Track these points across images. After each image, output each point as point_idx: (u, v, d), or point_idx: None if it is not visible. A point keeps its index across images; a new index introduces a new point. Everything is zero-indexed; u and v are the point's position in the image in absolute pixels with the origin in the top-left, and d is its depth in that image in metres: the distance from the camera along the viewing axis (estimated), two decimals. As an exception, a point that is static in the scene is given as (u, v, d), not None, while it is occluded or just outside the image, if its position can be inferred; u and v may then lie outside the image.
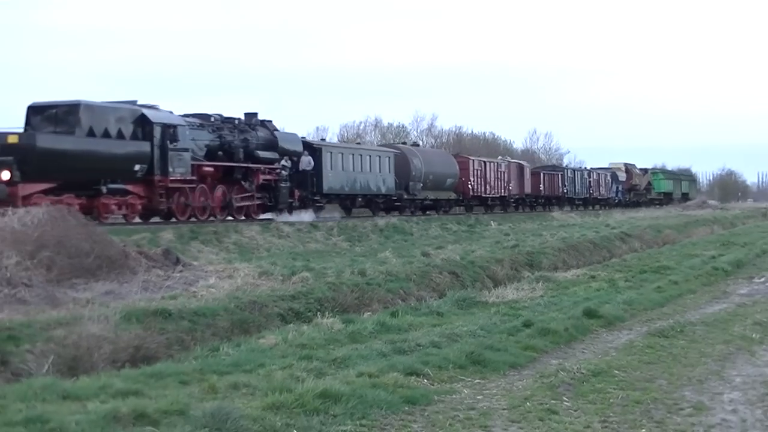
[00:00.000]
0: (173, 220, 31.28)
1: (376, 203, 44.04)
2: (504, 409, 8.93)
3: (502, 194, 57.96)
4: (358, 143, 48.03)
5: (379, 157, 44.11)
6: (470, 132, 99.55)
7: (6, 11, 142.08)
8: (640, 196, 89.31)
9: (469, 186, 52.96)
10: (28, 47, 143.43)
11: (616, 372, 10.73)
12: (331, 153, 40.44)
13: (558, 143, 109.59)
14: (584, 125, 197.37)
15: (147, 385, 9.25)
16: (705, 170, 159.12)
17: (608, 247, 34.62)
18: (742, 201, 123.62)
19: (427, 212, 49.43)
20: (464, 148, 79.18)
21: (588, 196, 74.79)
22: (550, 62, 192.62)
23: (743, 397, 9.61)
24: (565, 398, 9.38)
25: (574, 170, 75.72)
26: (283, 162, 35.17)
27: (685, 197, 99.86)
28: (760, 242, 35.97)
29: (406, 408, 8.79)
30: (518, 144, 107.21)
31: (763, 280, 22.44)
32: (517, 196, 61.11)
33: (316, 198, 38.22)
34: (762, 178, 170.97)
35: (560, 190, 68.51)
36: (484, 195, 55.16)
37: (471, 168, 53.28)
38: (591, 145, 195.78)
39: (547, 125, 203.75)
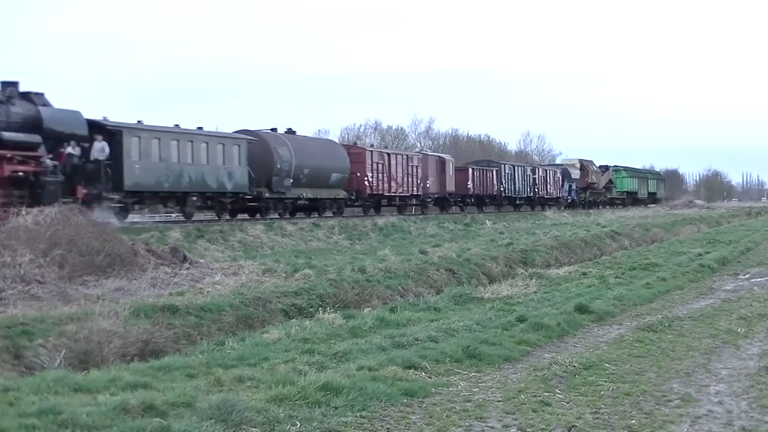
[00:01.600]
0: (181, 219, 31.54)
1: (222, 203, 34.72)
2: (499, 401, 9.03)
3: (415, 192, 49.62)
4: (200, 128, 34.82)
5: (223, 145, 34.57)
6: (466, 134, 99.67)
7: (10, 17, 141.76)
8: (597, 196, 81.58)
9: (366, 182, 44.26)
10: (31, 53, 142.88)
11: (607, 365, 10.87)
12: (139, 138, 30.17)
13: (551, 145, 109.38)
14: (576, 127, 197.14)
15: (155, 378, 9.35)
16: (692, 171, 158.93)
17: (599, 245, 34.92)
18: (727, 201, 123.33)
19: (307, 215, 40.47)
20: (460, 149, 78.88)
21: (532, 195, 67.04)
22: (543, 67, 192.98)
23: (729, 389, 9.71)
24: (557, 390, 9.49)
25: (513, 166, 66.98)
26: (69, 149, 27.20)
27: (653, 197, 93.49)
28: (744, 240, 36.27)
29: (405, 400, 8.89)
30: (512, 146, 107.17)
31: (747, 276, 22.65)
32: (436, 195, 53.00)
33: (114, 197, 28.64)
34: (746, 179, 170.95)
35: (495, 188, 60.85)
36: (388, 193, 46.79)
37: (368, 161, 44.57)
38: (582, 146, 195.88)
39: (541, 128, 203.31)
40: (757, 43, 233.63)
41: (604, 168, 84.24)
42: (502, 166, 63.93)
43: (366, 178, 44.27)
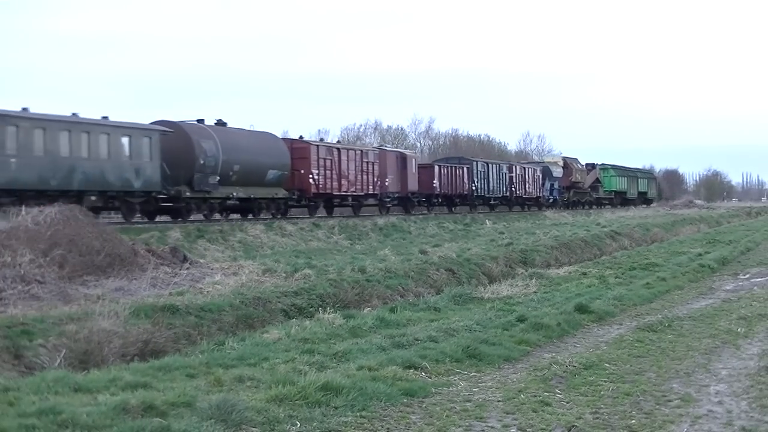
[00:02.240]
0: (180, 219, 31.54)
1: (129, 204, 30.47)
2: (499, 401, 9.05)
3: (371, 191, 44.63)
4: (105, 118, 30.29)
5: (129, 137, 30.07)
6: (466, 134, 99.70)
7: (12, 17, 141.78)
8: (582, 196, 76.54)
9: (311, 181, 39.42)
10: (34, 53, 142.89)
11: (607, 365, 10.89)
12: (17, 127, 26.02)
13: (551, 145, 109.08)
14: (576, 128, 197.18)
15: (155, 378, 9.37)
16: (692, 171, 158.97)
17: (599, 245, 34.97)
18: (727, 200, 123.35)
19: (243, 217, 36.06)
20: (460, 150, 78.28)
21: (508, 194, 62.10)
22: (543, 67, 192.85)
23: (729, 389, 9.73)
24: (557, 390, 9.51)
25: (487, 164, 61.06)
26: None
27: (643, 197, 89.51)
28: (744, 240, 36.36)
29: (405, 400, 8.90)
30: (512, 146, 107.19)
31: (747, 276, 22.69)
32: (397, 195, 47.92)
33: None
34: (746, 179, 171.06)
35: (466, 187, 55.79)
36: (338, 192, 41.97)
37: (314, 157, 39.76)
38: (583, 146, 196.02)
39: (541, 127, 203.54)
40: (757, 43, 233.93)
41: (591, 166, 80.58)
42: (474, 163, 58.66)
43: (311, 176, 39.44)
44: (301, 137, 43.08)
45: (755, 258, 28.60)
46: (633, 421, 8.37)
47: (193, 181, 32.24)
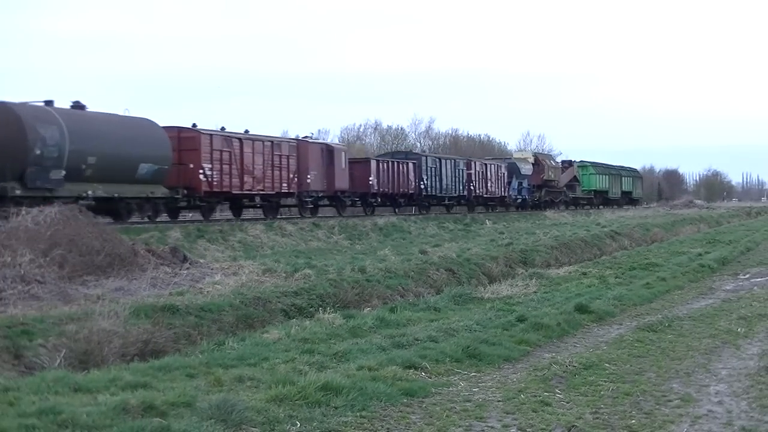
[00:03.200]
0: (180, 218, 31.54)
1: None
2: (499, 401, 9.06)
3: (286, 190, 37.79)
4: None
5: None
6: (466, 134, 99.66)
7: (12, 17, 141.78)
8: (556, 195, 69.91)
9: (201, 177, 32.63)
10: (34, 53, 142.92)
11: (607, 365, 10.91)
12: None
13: (551, 145, 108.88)
14: (576, 127, 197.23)
15: (155, 378, 9.37)
16: (692, 171, 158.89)
17: (599, 245, 34.99)
18: (727, 200, 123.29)
19: (114, 220, 28.66)
20: (460, 149, 77.41)
21: (466, 194, 55.65)
22: (543, 67, 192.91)
23: (729, 389, 9.75)
24: (557, 390, 9.52)
25: (439, 159, 54.16)
26: None
27: (628, 197, 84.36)
28: (744, 240, 36.41)
29: (405, 400, 8.91)
30: (512, 146, 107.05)
31: (747, 276, 22.72)
32: (322, 194, 41.23)
33: None
34: (746, 178, 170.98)
35: (412, 185, 49.19)
36: (239, 191, 35.07)
37: (205, 148, 32.92)
38: (583, 146, 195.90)
39: (541, 127, 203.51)
40: (757, 43, 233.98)
41: (567, 163, 75.44)
42: (423, 158, 52.23)
43: (202, 171, 32.63)
44: (194, 125, 33.81)
45: (755, 258, 28.63)
46: (633, 421, 8.37)
47: (26, 176, 25.55)
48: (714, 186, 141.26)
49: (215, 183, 33.52)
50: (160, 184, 31.07)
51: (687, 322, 14.65)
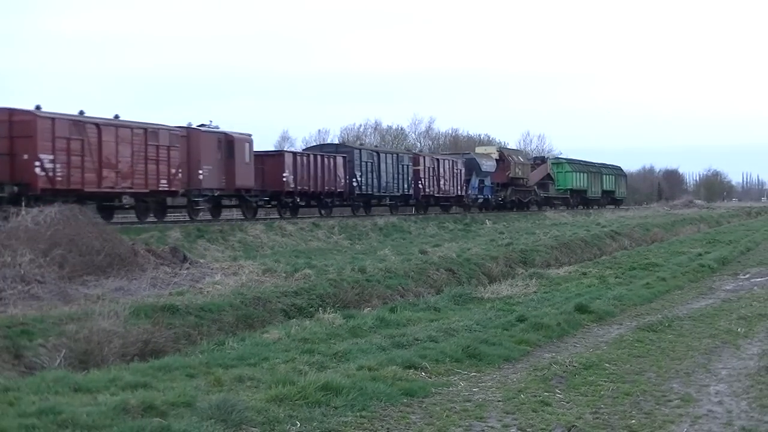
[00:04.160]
0: (181, 219, 31.51)
1: None
2: (499, 401, 9.07)
3: (165, 187, 30.86)
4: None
5: None
6: (466, 134, 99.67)
7: (14, 17, 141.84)
8: (525, 194, 63.64)
9: (39, 170, 26.06)
10: (37, 53, 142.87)
11: (607, 365, 10.92)
12: None
13: (551, 145, 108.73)
14: (576, 127, 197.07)
15: (155, 378, 9.38)
16: (692, 171, 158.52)
17: (599, 245, 34.99)
18: (727, 200, 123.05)
19: None
20: (460, 149, 76.62)
21: (412, 192, 49.23)
22: (543, 67, 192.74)
23: (729, 389, 9.76)
24: (557, 390, 9.53)
25: (377, 153, 47.14)
26: None
27: (610, 197, 78.46)
28: (744, 240, 36.43)
29: (405, 400, 8.93)
30: (512, 145, 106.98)
31: (747, 276, 22.73)
32: (218, 192, 34.59)
33: None
34: (746, 178, 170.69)
35: (341, 182, 42.60)
36: (97, 189, 28.02)
37: (44, 135, 26.24)
38: (583, 147, 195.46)
39: (541, 127, 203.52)
40: (758, 43, 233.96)
41: (540, 160, 69.79)
42: (356, 152, 45.10)
43: (39, 164, 26.17)
44: (38, 107, 27.12)
45: (755, 258, 28.64)
46: (633, 421, 8.38)
47: None
48: (714, 186, 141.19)
49: (59, 178, 26.76)
50: None
51: (687, 322, 14.66)
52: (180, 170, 31.82)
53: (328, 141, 59.15)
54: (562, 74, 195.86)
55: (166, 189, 31.31)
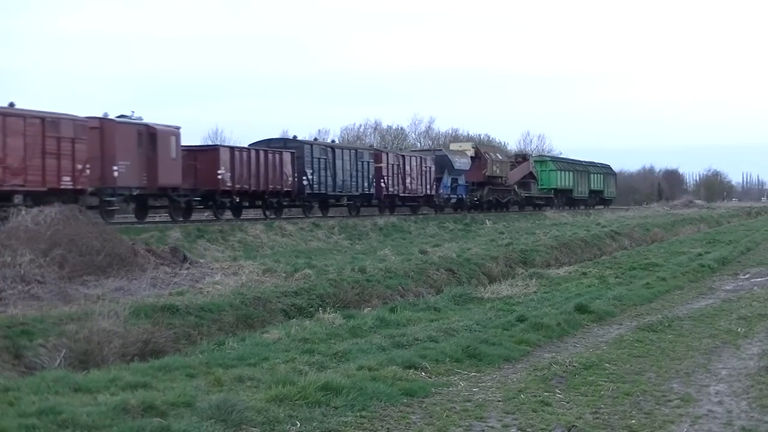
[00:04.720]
0: (180, 219, 31.54)
1: None
2: (499, 401, 9.07)
3: (69, 185, 26.67)
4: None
5: None
6: (466, 134, 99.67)
7: (13, 18, 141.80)
8: (503, 194, 59.44)
9: None
10: (35, 54, 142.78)
11: (607, 365, 10.92)
12: None
13: (551, 145, 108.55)
14: (576, 127, 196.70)
15: (155, 378, 9.39)
16: (692, 171, 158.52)
17: (599, 245, 34.99)
18: (727, 200, 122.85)
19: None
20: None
21: (374, 192, 45.31)
22: (543, 67, 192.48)
23: (729, 389, 9.77)
24: (557, 390, 9.53)
25: (331, 149, 43.26)
26: None
27: (598, 197, 75.02)
28: (744, 240, 36.43)
29: (405, 400, 8.93)
30: (512, 145, 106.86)
31: (747, 276, 22.73)
32: (137, 191, 30.65)
33: None
34: (746, 178, 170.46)
35: (289, 181, 38.44)
36: None
37: None
38: (583, 147, 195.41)
39: (541, 127, 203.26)
40: (758, 43, 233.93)
41: (521, 158, 65.28)
42: (306, 147, 40.98)
43: None
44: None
45: (755, 258, 28.64)
46: (633, 421, 8.39)
47: None
48: (714, 186, 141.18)
49: None
50: None
51: (687, 322, 14.66)
52: (88, 166, 27.67)
53: (328, 141, 57.28)
54: (562, 74, 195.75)
55: (71, 187, 26.98)
